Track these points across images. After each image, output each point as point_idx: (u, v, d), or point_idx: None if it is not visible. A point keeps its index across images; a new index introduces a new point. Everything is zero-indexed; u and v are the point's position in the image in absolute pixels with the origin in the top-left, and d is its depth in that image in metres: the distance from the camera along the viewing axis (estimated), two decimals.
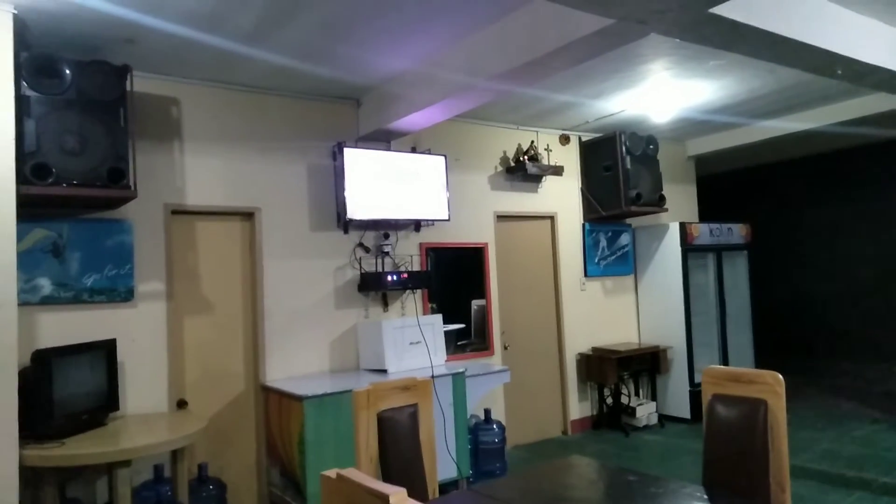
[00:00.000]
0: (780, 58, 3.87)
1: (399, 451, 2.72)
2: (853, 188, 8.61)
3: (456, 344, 5.54)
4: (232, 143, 4.50)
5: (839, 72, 4.13)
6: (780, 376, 2.22)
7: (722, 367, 2.36)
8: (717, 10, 3.02)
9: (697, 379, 6.32)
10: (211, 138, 4.42)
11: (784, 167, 9.03)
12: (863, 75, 4.26)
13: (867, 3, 3.83)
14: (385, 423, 2.71)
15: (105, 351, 3.71)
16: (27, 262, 3.61)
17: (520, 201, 6.04)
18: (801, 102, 5.97)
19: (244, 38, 3.71)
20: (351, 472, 1.42)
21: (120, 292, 3.96)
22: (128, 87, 3.60)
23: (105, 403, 3.66)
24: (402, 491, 1.27)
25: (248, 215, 4.59)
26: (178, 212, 4.28)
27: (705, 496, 2.17)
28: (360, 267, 5.01)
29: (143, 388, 4.03)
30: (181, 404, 4.21)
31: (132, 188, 3.63)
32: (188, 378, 4.30)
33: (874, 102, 5.75)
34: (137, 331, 4.03)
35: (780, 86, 5.33)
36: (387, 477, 2.67)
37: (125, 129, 3.58)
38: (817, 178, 8.94)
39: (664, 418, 6.39)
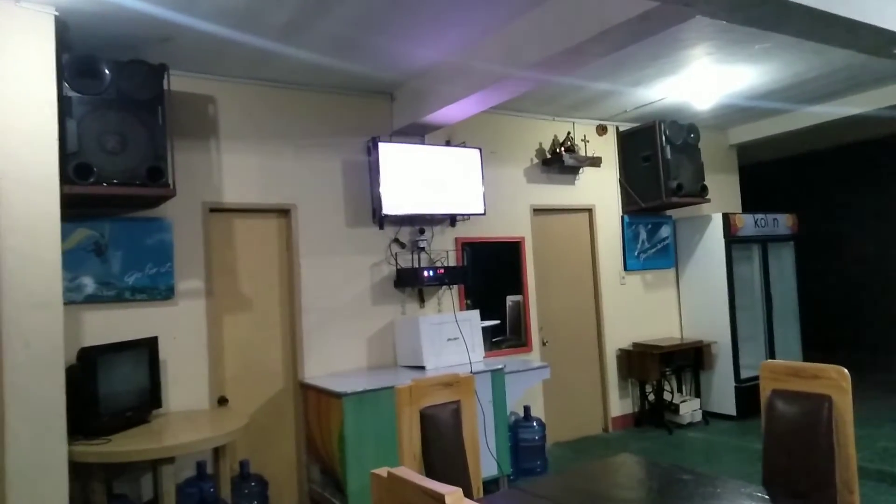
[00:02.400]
0: (832, 38, 3.68)
1: (442, 448, 2.67)
2: None
3: (491, 340, 5.46)
4: (267, 140, 4.50)
5: (895, 51, 3.92)
6: (846, 371, 2.09)
7: (781, 361, 2.25)
8: None
9: (743, 374, 6.13)
10: (247, 136, 4.43)
11: (831, 154, 8.69)
12: None
13: None
14: (428, 420, 2.66)
15: (147, 349, 3.74)
16: (71, 261, 3.66)
17: (556, 194, 5.93)
18: (850, 86, 5.72)
19: (278, 33, 3.69)
20: (402, 471, 1.36)
21: (161, 290, 4.00)
22: (165, 86, 3.62)
23: (148, 401, 3.70)
24: (458, 491, 1.21)
25: (284, 212, 4.59)
26: (216, 210, 4.30)
27: (766, 496, 2.06)
28: (396, 263, 4.97)
29: (184, 385, 4.06)
30: (222, 401, 4.24)
31: (171, 187, 3.65)
32: (228, 375, 4.32)
33: None
34: (178, 328, 4.06)
35: (828, 69, 5.12)
36: (430, 474, 2.62)
37: (163, 127, 3.60)
38: (866, 165, 8.59)
39: (709, 415, 6.22)
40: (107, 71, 3.43)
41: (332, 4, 3.38)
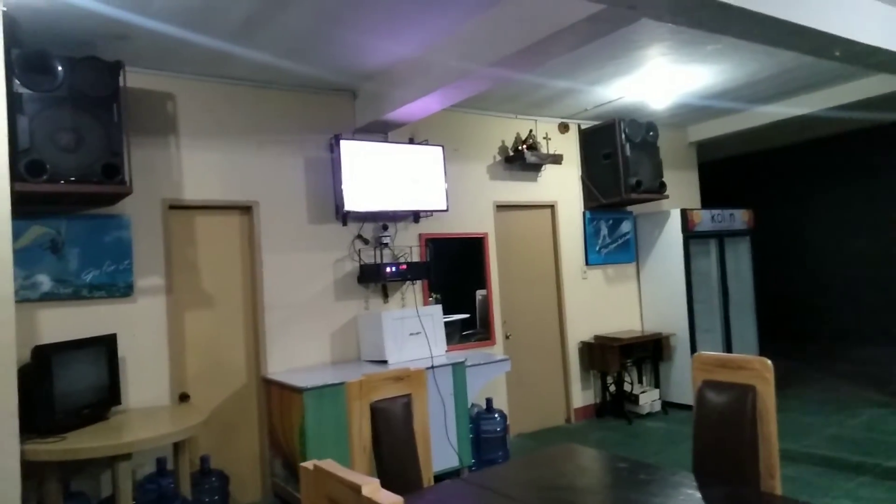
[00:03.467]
0: (776, 40, 3.81)
1: (392, 441, 2.74)
2: (856, 172, 8.53)
3: (461, 334, 5.55)
4: (228, 137, 4.51)
5: (838, 53, 4.07)
6: (769, 362, 2.20)
7: (711, 353, 2.35)
8: None
9: None
10: (207, 132, 4.43)
11: (786, 152, 8.95)
12: (862, 56, 4.19)
13: None
14: (378, 414, 2.72)
15: (106, 346, 3.74)
16: (26, 258, 3.65)
17: (519, 190, 6.02)
18: (801, 86, 5.90)
19: (236, 32, 3.71)
20: (327, 464, 1.43)
21: (119, 287, 3.99)
22: (121, 83, 3.61)
23: (106, 398, 3.70)
24: (375, 482, 1.28)
25: (246, 209, 4.61)
26: (176, 206, 4.30)
27: (695, 483, 2.17)
28: (360, 259, 5.02)
29: (144, 382, 4.07)
30: (183, 398, 4.25)
31: (128, 184, 3.65)
32: (189, 371, 4.34)
33: (875, 84, 5.68)
34: (138, 325, 4.07)
35: (779, 69, 5.27)
36: (380, 467, 2.70)
37: (119, 124, 3.59)
38: (820, 162, 8.86)
39: (667, 405, 6.38)
40: (59, 67, 3.41)
41: (289, 2, 3.40)
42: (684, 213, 6.39)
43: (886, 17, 4.10)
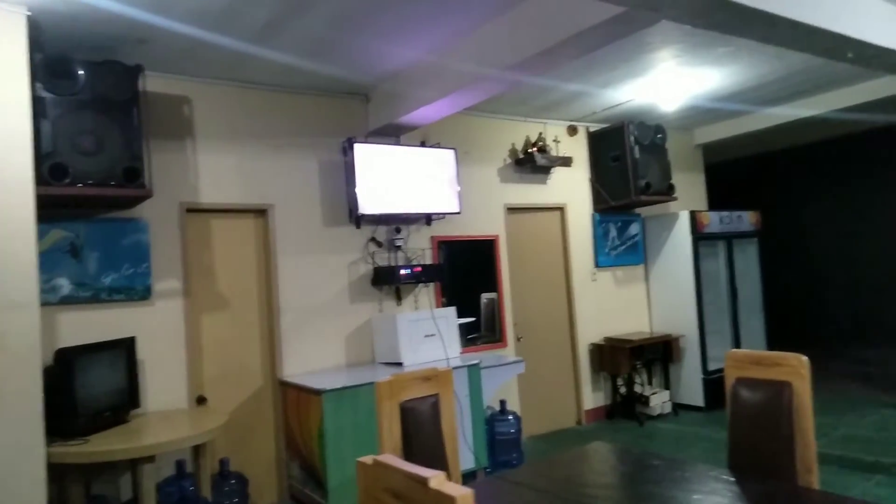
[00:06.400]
0: (790, 42, 3.85)
1: (422, 440, 2.74)
2: (862, 173, 8.59)
3: (466, 337, 5.55)
4: (244, 141, 4.52)
5: (850, 55, 4.11)
6: (805, 358, 2.22)
7: (745, 350, 2.37)
8: None
9: (710, 366, 6.33)
10: (223, 136, 4.44)
11: (793, 153, 8.99)
12: (873, 58, 4.23)
13: None
14: (408, 414, 2.72)
15: (125, 349, 3.74)
16: (46, 262, 3.64)
17: (529, 193, 6.05)
18: (810, 88, 5.95)
19: (254, 35, 3.72)
20: (387, 458, 1.43)
21: (138, 291, 3.99)
22: (140, 87, 3.62)
23: (126, 401, 3.69)
24: (441, 474, 1.28)
25: (261, 212, 4.61)
26: (193, 210, 4.31)
27: (732, 478, 2.18)
28: (373, 261, 5.03)
29: (162, 385, 4.06)
30: (201, 400, 4.25)
31: (147, 187, 3.66)
32: (206, 374, 4.33)
33: (885, 86, 5.73)
34: (156, 328, 4.06)
35: (788, 71, 5.32)
36: None
37: (139, 128, 3.60)
38: (827, 162, 8.91)
39: (678, 406, 6.40)
40: (81, 71, 3.42)
41: (308, 6, 3.42)
42: (693, 214, 6.42)
43: None
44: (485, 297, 5.75)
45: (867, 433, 5.22)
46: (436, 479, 1.29)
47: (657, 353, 6.38)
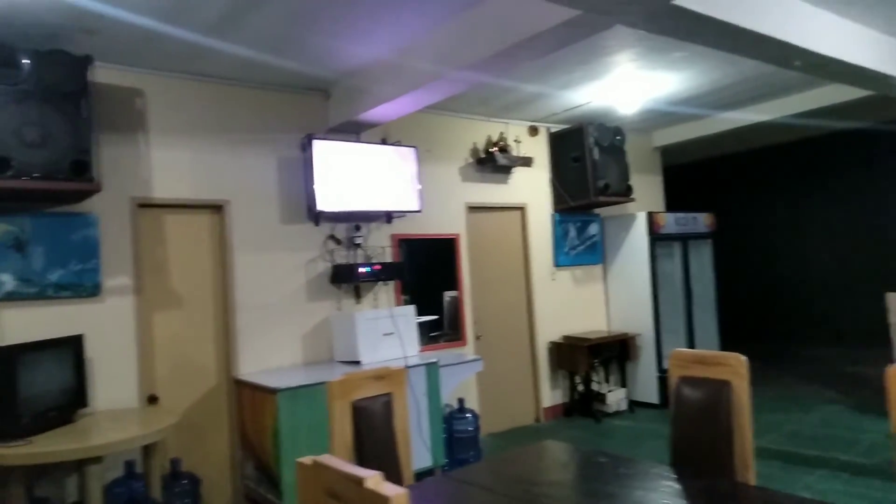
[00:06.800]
0: (739, 49, 3.96)
1: (374, 439, 2.74)
2: (812, 178, 8.87)
3: (429, 335, 5.57)
4: (199, 135, 4.44)
5: (797, 63, 4.25)
6: (744, 358, 2.29)
7: (688, 349, 2.43)
8: (680, 1, 3.09)
9: (666, 365, 6.42)
10: (178, 130, 4.35)
11: (748, 157, 9.25)
12: (820, 66, 4.39)
13: None
14: (359, 413, 2.72)
15: (72, 347, 3.64)
16: None
17: (490, 192, 6.09)
18: (762, 94, 6.12)
19: (210, 28, 3.66)
20: (327, 459, 1.43)
21: (86, 287, 3.89)
22: (90, 78, 3.53)
23: (73, 400, 3.60)
24: (378, 474, 1.29)
25: (217, 208, 4.54)
26: (145, 205, 4.21)
27: (673, 475, 2.24)
28: (332, 259, 4.99)
29: (112, 383, 3.97)
30: (152, 399, 4.17)
31: (96, 181, 3.56)
32: (159, 373, 4.25)
33: (830, 94, 5.94)
34: (105, 326, 3.97)
35: (741, 77, 5.46)
36: (362, 465, 2.70)
37: (87, 120, 3.50)
38: (779, 167, 9.18)
39: (634, 404, 6.52)
40: (25, 60, 3.31)
41: (264, 0, 3.37)
42: (650, 216, 6.55)
43: (842, 29, 4.31)
44: (448, 295, 5.77)
45: (813, 429, 5.41)
46: (372, 479, 1.29)
47: (614, 352, 6.49)
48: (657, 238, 6.60)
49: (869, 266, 8.04)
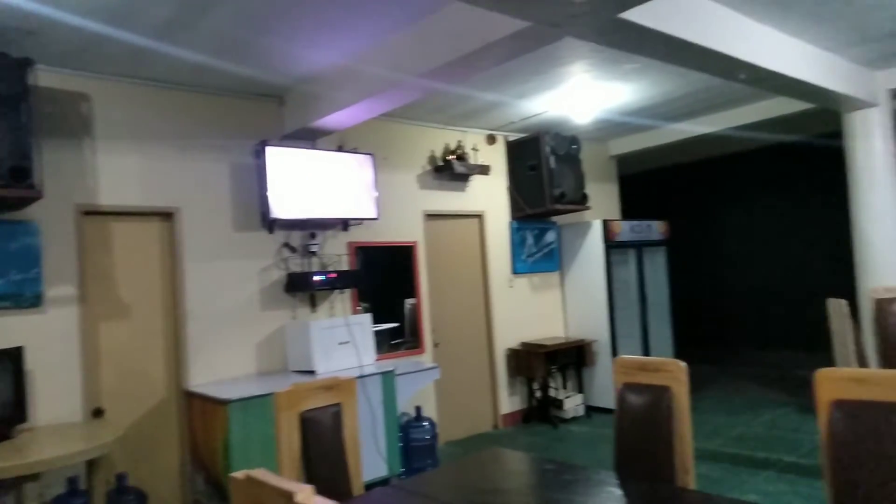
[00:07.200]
0: (687, 62, 4.07)
1: (322, 450, 2.72)
2: (762, 186, 9.15)
3: (390, 343, 5.55)
4: (149, 141, 4.35)
5: (742, 76, 4.39)
6: (683, 364, 2.35)
7: (631, 356, 2.48)
8: (627, 15, 3.15)
9: None
10: (126, 136, 4.25)
11: (700, 166, 9.49)
12: (763, 80, 4.54)
13: (766, 13, 4.08)
14: (307, 424, 2.70)
15: (10, 359, 3.51)
16: None
17: (448, 200, 6.11)
18: (711, 105, 6.29)
19: (157, 31, 3.59)
20: (259, 473, 1.41)
21: (27, 298, 3.76)
22: (30, 82, 3.42)
23: (11, 415, 3.47)
24: (308, 488, 1.28)
25: (167, 215, 4.45)
26: (91, 212, 4.10)
27: (616, 481, 2.27)
28: (287, 267, 4.94)
29: (54, 397, 3.84)
30: (97, 413, 4.04)
31: (37, 188, 3.45)
32: (105, 385, 4.13)
33: (775, 106, 6.14)
34: (47, 337, 3.84)
35: (691, 89, 5.61)
36: (310, 477, 2.67)
37: (28, 125, 3.39)
38: (731, 176, 9.45)
39: (591, 409, 6.60)
40: None
41: (211, 4, 3.33)
42: (605, 223, 6.66)
43: (784, 45, 4.46)
44: (409, 302, 5.76)
45: (760, 431, 5.56)
46: (302, 493, 1.28)
47: (571, 358, 6.57)
48: (612, 245, 6.71)
49: (814, 272, 8.32)
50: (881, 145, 5.56)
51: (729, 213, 9.54)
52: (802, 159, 8.43)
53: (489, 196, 6.44)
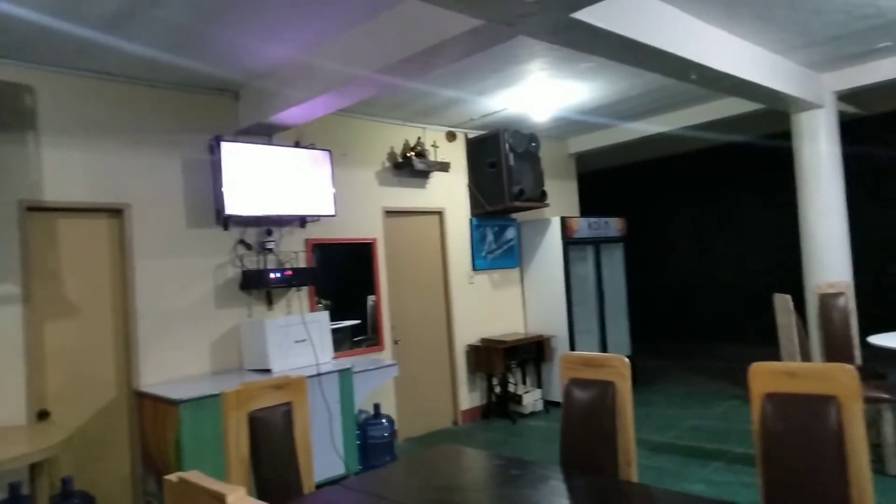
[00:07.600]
0: (640, 62, 4.15)
1: (272, 451, 2.69)
2: (715, 184, 9.38)
3: (352, 340, 5.52)
4: (97, 136, 4.23)
5: (693, 76, 4.49)
6: (626, 359, 2.40)
7: (576, 353, 2.52)
8: (579, 15, 3.19)
9: None
10: (73, 130, 4.13)
11: (656, 164, 9.68)
12: (714, 80, 4.65)
13: (716, 16, 4.18)
14: (256, 423, 2.67)
15: None
16: None
17: (408, 197, 6.10)
18: (665, 105, 6.42)
19: (105, 23, 3.49)
20: (193, 475, 1.40)
21: None
22: None
23: None
24: (241, 489, 1.27)
25: (116, 212, 4.34)
26: (36, 208, 3.97)
27: (560, 475, 2.31)
28: (242, 264, 4.87)
29: None
30: (42, 415, 3.93)
31: None
32: (50, 387, 4.01)
33: (725, 107, 6.30)
34: None
35: (645, 88, 5.71)
36: (259, 478, 2.64)
37: None
38: (686, 174, 9.66)
39: (549, 404, 6.68)
40: None
41: None
42: (564, 220, 6.74)
43: (734, 46, 4.58)
44: (371, 299, 5.74)
45: (713, 423, 5.71)
46: (234, 495, 1.27)
47: (530, 353, 6.63)
48: (571, 242, 6.80)
49: (765, 268, 8.57)
50: (827, 146, 5.76)
51: (684, 210, 9.76)
52: (753, 158, 8.67)
53: (449, 193, 6.45)
